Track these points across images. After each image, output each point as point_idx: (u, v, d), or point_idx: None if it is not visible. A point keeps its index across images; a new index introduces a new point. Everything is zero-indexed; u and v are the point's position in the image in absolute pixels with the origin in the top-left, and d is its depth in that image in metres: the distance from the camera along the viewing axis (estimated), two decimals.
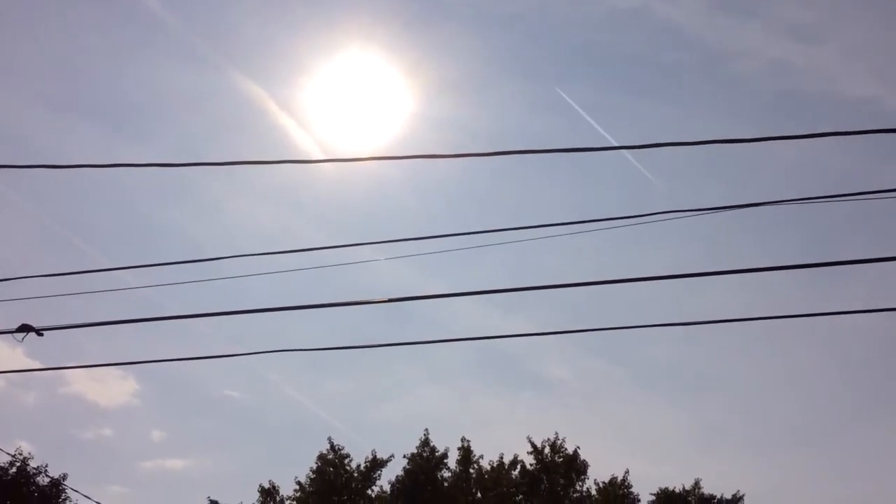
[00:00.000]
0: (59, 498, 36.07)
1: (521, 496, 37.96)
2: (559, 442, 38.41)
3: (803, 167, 62.36)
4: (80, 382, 56.46)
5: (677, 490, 39.35)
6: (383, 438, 61.45)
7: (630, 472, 38.61)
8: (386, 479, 38.71)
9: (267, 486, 38.77)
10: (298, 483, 38.47)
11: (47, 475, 35.82)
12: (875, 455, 53.93)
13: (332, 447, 38.83)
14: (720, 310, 52.59)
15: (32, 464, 35.80)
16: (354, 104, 53.12)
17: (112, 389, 59.74)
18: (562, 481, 37.88)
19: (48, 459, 37.38)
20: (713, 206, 8.40)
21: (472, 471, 38.33)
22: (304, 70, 63.36)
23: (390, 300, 9.40)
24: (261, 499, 38.64)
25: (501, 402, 58.41)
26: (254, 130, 64.87)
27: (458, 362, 61.57)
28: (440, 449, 38.52)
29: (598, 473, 38.73)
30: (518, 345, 59.26)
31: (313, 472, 38.58)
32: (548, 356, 58.82)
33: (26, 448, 36.36)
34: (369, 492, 38.46)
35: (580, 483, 38.24)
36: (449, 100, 62.51)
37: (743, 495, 39.58)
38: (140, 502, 53.48)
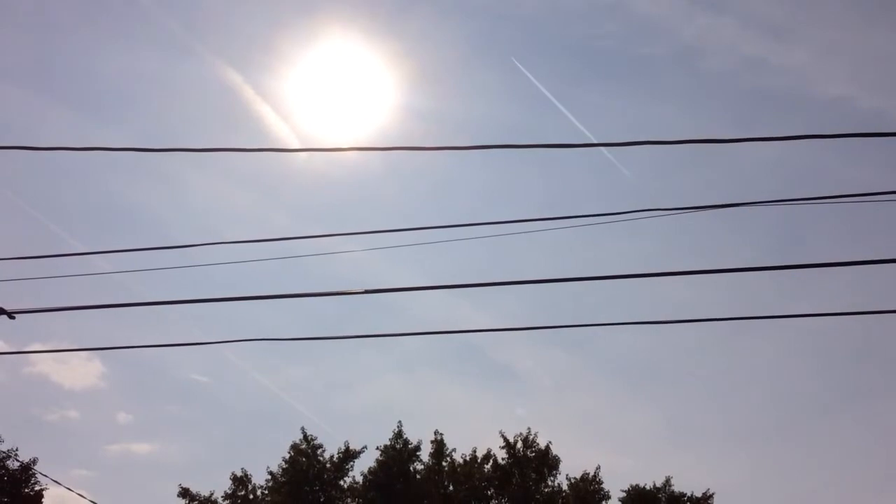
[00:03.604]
0: (29, 482, 35.80)
1: (492, 490, 38.08)
2: (531, 437, 38.58)
3: (776, 164, 63.02)
4: (45, 363, 56.12)
5: (648, 487, 39.60)
6: (350, 426, 61.54)
7: (600, 466, 38.91)
8: (359, 471, 38.77)
9: (239, 474, 38.67)
10: (271, 473, 38.42)
11: (17, 459, 35.56)
12: (844, 450, 54.68)
13: (306, 437, 38.78)
14: (691, 305, 53.02)
15: (2, 447, 35.52)
16: (332, 93, 53.01)
17: (77, 371, 59.43)
18: (533, 476, 38.04)
19: (13, 440, 37.10)
20: (690, 206, 8.45)
21: (444, 464, 38.40)
22: (283, 58, 63.20)
23: (366, 291, 9.40)
24: (232, 487, 38.53)
25: (469, 391, 58.75)
26: (230, 117, 64.68)
27: (426, 351, 61.91)
28: (413, 441, 38.61)
29: (568, 465, 38.99)
30: (486, 335, 59.35)
31: (286, 461, 38.51)
32: (515, 347, 59.23)
33: None
34: (342, 483, 38.44)
35: (552, 478, 38.43)
36: (429, 89, 62.61)
37: (713, 494, 39.84)
38: (106, 486, 53.17)
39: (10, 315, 9.30)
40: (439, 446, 38.52)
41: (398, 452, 38.14)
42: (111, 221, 64.38)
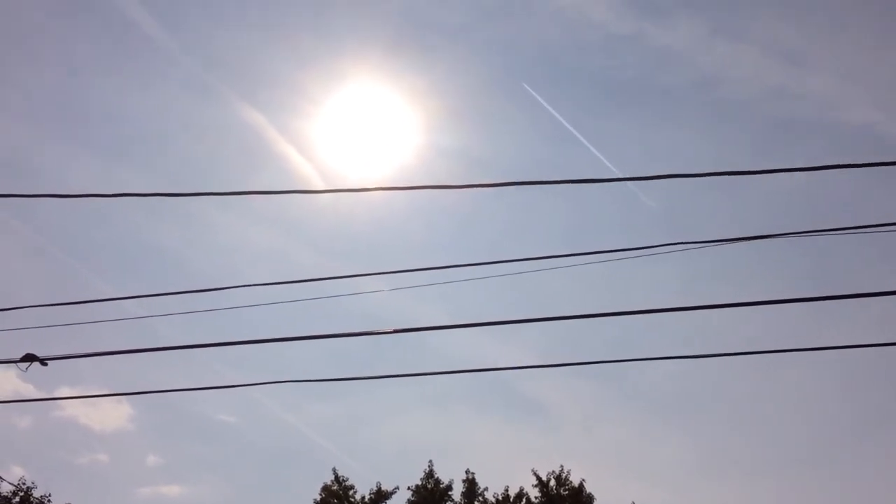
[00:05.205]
0: None
1: None
2: (564, 475, 38.10)
3: (800, 192, 62.32)
4: (73, 407, 56.22)
5: None
6: (378, 463, 60.88)
7: (634, 502, 38.25)
8: None
9: None
10: None
11: None
12: (882, 480, 53.43)
13: (337, 478, 38.56)
14: (725, 336, 52.32)
15: (36, 493, 35.63)
16: (356, 133, 53.36)
17: (106, 414, 59.60)
18: None
19: (43, 485, 37.10)
20: (715, 239, 8.38)
21: (476, 503, 38.03)
22: (307, 98, 63.72)
23: (395, 331, 9.38)
24: None
25: (497, 426, 58.12)
26: (254, 157, 65.17)
27: (453, 387, 61.37)
28: (444, 480, 38.29)
29: (601, 502, 38.31)
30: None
31: (317, 503, 38.33)
32: (543, 380, 58.53)
33: (19, 473, 36.23)
34: None
35: None
36: (451, 127, 62.81)
37: None
38: None
39: (43, 362, 9.38)
40: (471, 485, 38.14)
41: (430, 492, 37.82)
42: (138, 263, 64.78)
